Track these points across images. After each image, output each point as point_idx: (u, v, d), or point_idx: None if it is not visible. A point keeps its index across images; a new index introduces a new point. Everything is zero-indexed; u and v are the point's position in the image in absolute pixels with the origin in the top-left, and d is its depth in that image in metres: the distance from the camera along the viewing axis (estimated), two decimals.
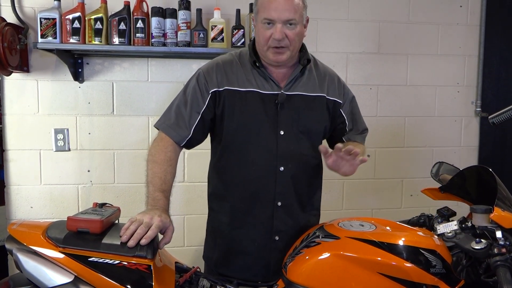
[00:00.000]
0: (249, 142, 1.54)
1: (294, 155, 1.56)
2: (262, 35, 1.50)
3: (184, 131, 1.54)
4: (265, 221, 1.55)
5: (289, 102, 1.55)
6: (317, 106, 1.60)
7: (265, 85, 1.56)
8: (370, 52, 2.75)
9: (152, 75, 2.56)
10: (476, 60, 2.86)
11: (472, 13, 2.84)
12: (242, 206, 1.57)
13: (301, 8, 1.50)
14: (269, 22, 1.47)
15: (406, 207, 2.85)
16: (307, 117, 1.58)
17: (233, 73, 1.56)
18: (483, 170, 1.45)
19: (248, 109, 1.54)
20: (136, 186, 2.55)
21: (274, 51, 1.50)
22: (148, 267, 1.27)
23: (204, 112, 1.55)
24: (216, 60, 1.62)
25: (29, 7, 2.43)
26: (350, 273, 1.23)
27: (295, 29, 1.49)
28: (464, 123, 2.90)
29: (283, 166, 1.54)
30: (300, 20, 1.50)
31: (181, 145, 1.56)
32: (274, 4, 1.46)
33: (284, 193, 1.55)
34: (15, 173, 2.49)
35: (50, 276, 1.25)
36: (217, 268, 1.60)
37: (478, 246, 1.18)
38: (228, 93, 1.54)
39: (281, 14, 1.45)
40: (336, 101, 1.64)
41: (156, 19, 2.32)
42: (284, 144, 1.54)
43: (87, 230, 1.30)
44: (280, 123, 1.54)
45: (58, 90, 2.50)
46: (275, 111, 1.54)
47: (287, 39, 1.49)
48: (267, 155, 1.54)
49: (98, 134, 2.55)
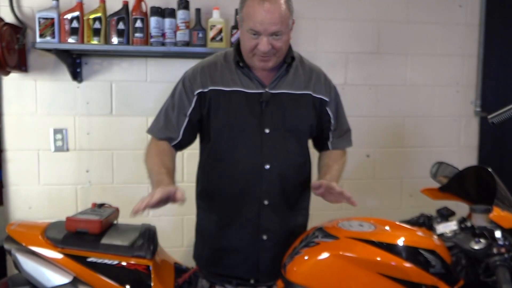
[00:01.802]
0: (234, 141, 1.56)
1: (279, 153, 1.56)
2: (248, 43, 1.49)
3: (173, 134, 1.57)
4: (252, 220, 1.56)
5: (274, 101, 1.55)
6: (303, 104, 1.59)
7: (250, 84, 1.56)
8: (369, 52, 2.75)
9: (150, 75, 2.55)
10: (476, 60, 2.86)
11: (471, 13, 2.83)
12: (230, 204, 1.57)
13: (288, 16, 1.46)
14: (255, 33, 1.45)
15: (406, 207, 2.85)
16: (293, 115, 1.57)
17: (217, 74, 1.58)
18: (483, 170, 1.44)
19: (232, 108, 1.55)
20: (135, 187, 2.55)
21: (260, 59, 1.50)
22: (147, 267, 1.27)
23: (191, 114, 1.57)
24: (201, 62, 1.64)
25: (28, 7, 2.42)
26: (349, 273, 1.23)
27: (281, 39, 1.46)
28: (464, 123, 2.90)
29: (269, 164, 1.54)
30: (286, 29, 1.47)
31: (172, 145, 1.59)
32: (260, 17, 1.41)
33: (270, 191, 1.55)
34: (14, 174, 2.49)
35: (49, 277, 1.25)
36: (208, 267, 1.60)
37: (478, 246, 1.18)
38: (213, 93, 1.56)
39: (268, 27, 1.42)
40: (323, 99, 1.62)
41: (155, 19, 2.32)
42: (269, 142, 1.55)
43: (86, 231, 1.30)
44: (265, 121, 1.55)
45: (57, 90, 2.49)
46: (260, 110, 1.55)
47: (273, 49, 1.47)
48: (252, 154, 1.54)
49: (96, 134, 2.54)
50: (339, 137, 1.70)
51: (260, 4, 1.41)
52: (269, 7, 1.41)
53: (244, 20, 1.47)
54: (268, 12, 1.41)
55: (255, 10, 1.42)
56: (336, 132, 1.69)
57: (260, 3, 1.41)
